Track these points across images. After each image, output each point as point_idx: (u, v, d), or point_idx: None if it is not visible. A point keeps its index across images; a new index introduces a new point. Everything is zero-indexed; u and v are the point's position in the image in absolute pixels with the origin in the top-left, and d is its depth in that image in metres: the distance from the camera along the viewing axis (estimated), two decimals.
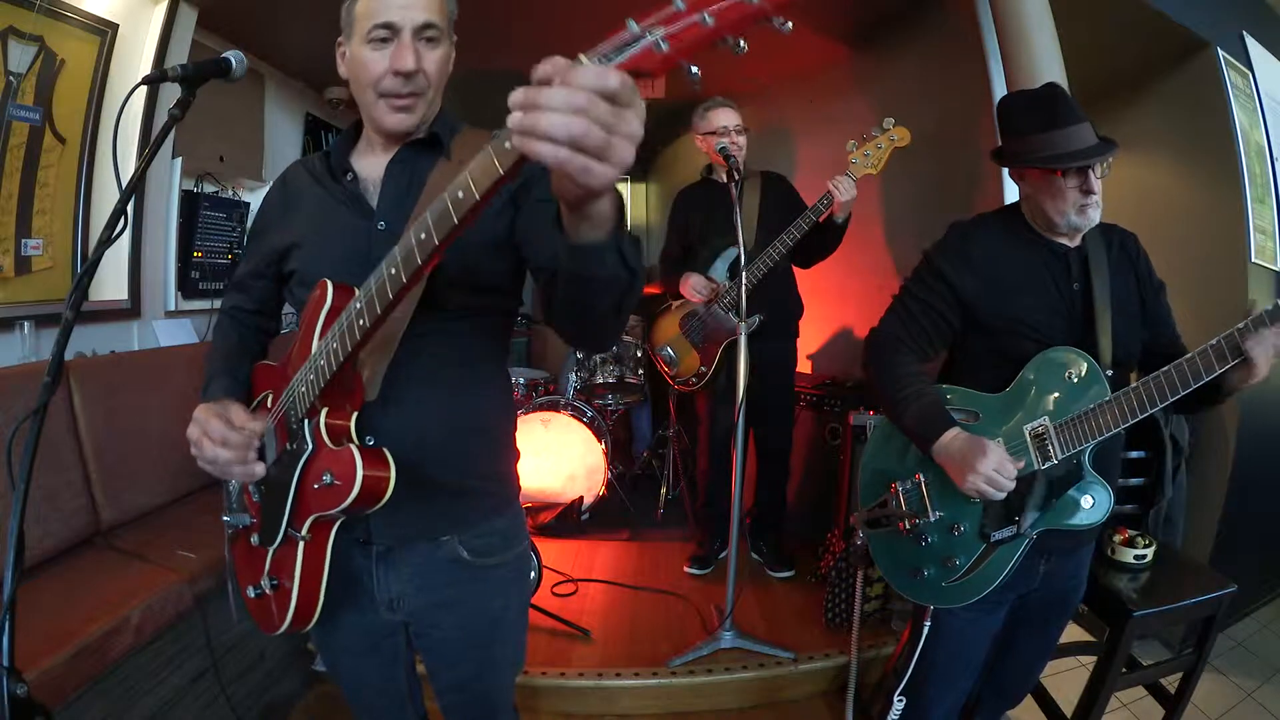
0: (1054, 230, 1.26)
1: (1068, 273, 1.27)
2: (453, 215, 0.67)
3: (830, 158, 3.21)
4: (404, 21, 0.92)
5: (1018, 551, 1.23)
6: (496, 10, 2.74)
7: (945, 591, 1.29)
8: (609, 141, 0.56)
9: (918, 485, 1.32)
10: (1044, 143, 1.21)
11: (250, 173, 3.01)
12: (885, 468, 1.39)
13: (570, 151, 0.55)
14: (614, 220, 0.69)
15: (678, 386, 2.64)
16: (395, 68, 0.92)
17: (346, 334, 0.82)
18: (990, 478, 1.17)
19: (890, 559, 1.38)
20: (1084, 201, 1.21)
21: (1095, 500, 1.20)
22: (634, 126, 0.57)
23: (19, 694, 0.72)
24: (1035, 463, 1.21)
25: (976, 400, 1.29)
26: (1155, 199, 2.71)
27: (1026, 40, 2.03)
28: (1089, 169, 1.19)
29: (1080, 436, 1.18)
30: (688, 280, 2.44)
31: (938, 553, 1.29)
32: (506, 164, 0.62)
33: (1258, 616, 2.62)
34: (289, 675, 2.03)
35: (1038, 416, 1.22)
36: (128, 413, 2.04)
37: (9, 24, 1.87)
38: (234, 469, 0.94)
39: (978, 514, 1.26)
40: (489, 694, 1.16)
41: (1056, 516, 1.21)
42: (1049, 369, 1.22)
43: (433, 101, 0.99)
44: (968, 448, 1.20)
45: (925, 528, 1.30)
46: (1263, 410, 2.37)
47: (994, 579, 1.24)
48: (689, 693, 2.06)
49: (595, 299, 0.75)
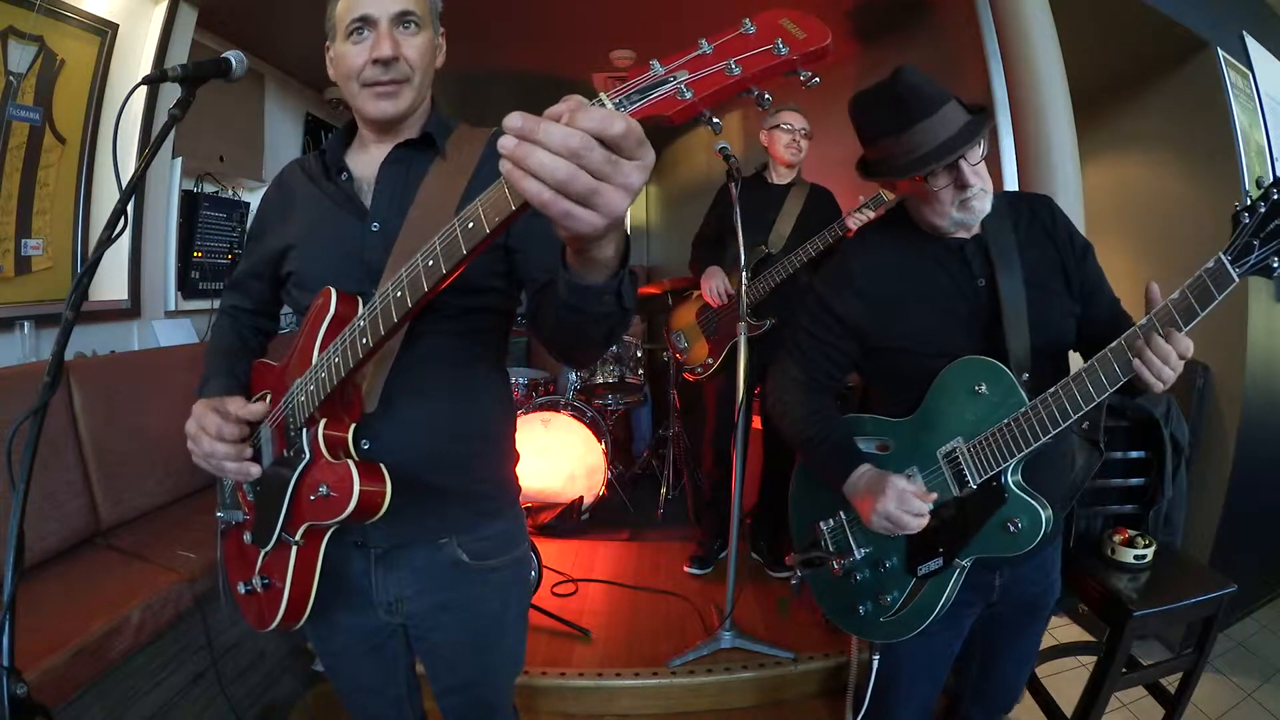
0: (941, 233, 1.15)
1: (968, 269, 1.14)
2: (462, 247, 0.67)
3: (831, 158, 3.21)
4: (379, 12, 0.93)
5: (949, 581, 1.15)
6: (496, 10, 2.74)
7: (884, 627, 1.22)
8: (596, 189, 0.52)
9: (840, 523, 1.27)
10: (898, 146, 1.07)
11: (250, 173, 3.01)
12: (811, 506, 1.33)
13: (554, 194, 0.52)
14: (615, 263, 0.67)
15: (685, 374, 2.67)
16: (373, 56, 0.93)
17: (349, 350, 0.82)
18: (890, 514, 1.08)
19: (830, 598, 1.33)
20: (963, 196, 1.07)
21: (1022, 520, 1.07)
22: (631, 178, 0.54)
23: (19, 694, 0.72)
24: (953, 489, 1.11)
25: (886, 428, 1.20)
26: (1155, 199, 2.71)
27: (1026, 40, 2.03)
28: (958, 161, 1.05)
29: (997, 455, 1.06)
30: (709, 279, 2.46)
31: (870, 589, 1.23)
32: (520, 200, 0.59)
33: (1258, 616, 2.61)
34: (289, 675, 2.03)
35: (950, 438, 1.11)
36: (128, 413, 2.04)
37: (9, 24, 1.87)
38: (229, 466, 0.94)
39: (902, 547, 1.18)
40: (488, 695, 1.16)
41: (983, 544, 1.11)
42: (955, 384, 1.11)
43: (419, 90, 0.98)
44: (872, 485, 1.12)
45: (854, 565, 1.24)
46: (1263, 410, 2.37)
47: (931, 609, 1.16)
48: (689, 693, 2.05)
49: (588, 329, 0.75)
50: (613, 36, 3.11)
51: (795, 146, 2.46)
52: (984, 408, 1.09)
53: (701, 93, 0.52)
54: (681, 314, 2.69)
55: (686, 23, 0.55)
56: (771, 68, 0.51)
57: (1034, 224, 1.17)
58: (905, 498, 1.09)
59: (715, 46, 0.51)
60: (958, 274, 1.14)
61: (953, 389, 1.12)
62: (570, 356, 0.91)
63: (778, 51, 0.51)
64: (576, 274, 0.67)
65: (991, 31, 2.18)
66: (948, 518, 1.12)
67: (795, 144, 2.46)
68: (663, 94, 0.52)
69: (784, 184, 2.51)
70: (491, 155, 0.98)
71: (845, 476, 1.17)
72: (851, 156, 1.21)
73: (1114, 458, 1.94)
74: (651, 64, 0.53)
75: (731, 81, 0.51)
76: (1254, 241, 0.89)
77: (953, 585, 1.15)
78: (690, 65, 0.52)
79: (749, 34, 0.52)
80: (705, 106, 0.53)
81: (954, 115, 1.06)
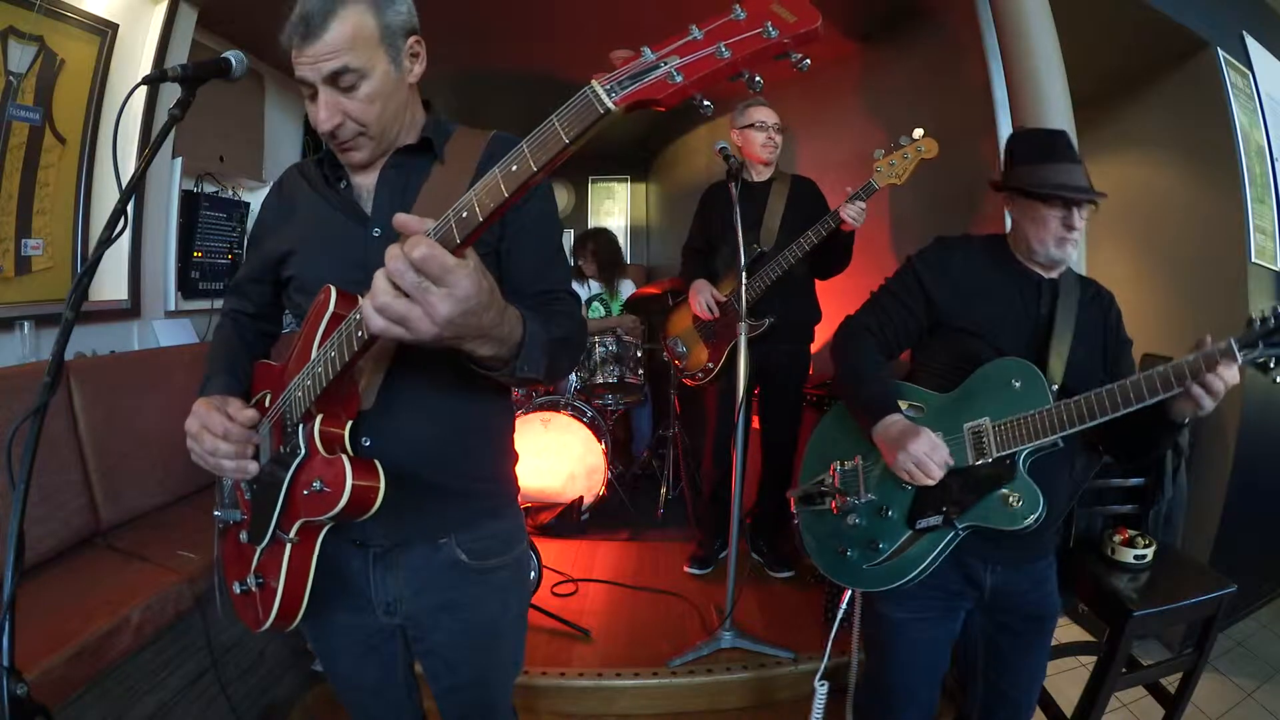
0: (1033, 258, 1.32)
1: (1038, 298, 1.32)
2: (456, 237, 0.67)
3: (831, 158, 3.22)
4: (313, 76, 0.90)
5: (941, 542, 1.26)
6: (496, 10, 2.74)
7: (865, 574, 1.33)
8: (406, 316, 0.66)
9: (855, 467, 1.37)
10: (1037, 173, 1.27)
11: (250, 173, 3.01)
12: (828, 449, 1.44)
13: (380, 317, 0.67)
14: (502, 360, 0.80)
15: (685, 380, 2.65)
16: (317, 128, 0.93)
17: (345, 344, 0.82)
18: (919, 459, 1.21)
19: (818, 537, 1.42)
20: (1064, 235, 1.26)
21: (1023, 499, 1.20)
22: (437, 308, 0.66)
23: (19, 694, 0.72)
24: (969, 458, 1.25)
25: (925, 397, 1.35)
26: (1155, 199, 2.71)
27: (1026, 40, 2.03)
28: (1074, 205, 1.25)
29: (1017, 438, 1.21)
30: (697, 295, 2.44)
31: (863, 535, 1.34)
32: (511, 187, 0.62)
33: (1258, 616, 2.62)
34: (289, 675, 2.03)
35: (979, 416, 1.26)
36: (127, 413, 2.04)
37: (9, 24, 1.87)
38: (228, 464, 0.94)
39: (908, 500, 1.30)
40: (488, 695, 1.16)
41: (983, 513, 1.23)
42: (996, 375, 1.27)
43: (386, 129, 0.96)
44: (904, 431, 1.25)
45: (854, 508, 1.35)
46: (1263, 410, 2.37)
47: (915, 565, 1.27)
48: (689, 693, 2.06)
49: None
50: (613, 36, 3.10)
51: (771, 144, 2.43)
52: (1015, 400, 1.23)
53: (691, 76, 0.52)
54: (678, 319, 2.66)
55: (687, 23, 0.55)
56: (762, 50, 0.52)
57: (1096, 301, 1.35)
58: (938, 447, 1.22)
59: (706, 32, 0.52)
60: (1029, 300, 1.32)
61: (993, 380, 1.27)
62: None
63: (768, 34, 0.51)
64: (465, 360, 0.80)
65: (991, 31, 2.18)
66: (957, 484, 1.25)
67: (771, 140, 2.43)
68: (654, 79, 0.53)
69: (765, 180, 2.49)
70: (491, 156, 0.99)
71: (878, 419, 1.29)
72: (849, 156, 1.25)
73: None
74: (643, 50, 0.54)
75: (722, 64, 0.52)
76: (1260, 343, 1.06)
77: (943, 547, 1.26)
78: (681, 50, 0.53)
79: (739, 19, 0.52)
80: (696, 90, 0.54)
81: (1080, 175, 1.27)
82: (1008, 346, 1.28)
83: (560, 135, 0.59)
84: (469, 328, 0.71)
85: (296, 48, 0.89)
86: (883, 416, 1.29)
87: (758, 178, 2.50)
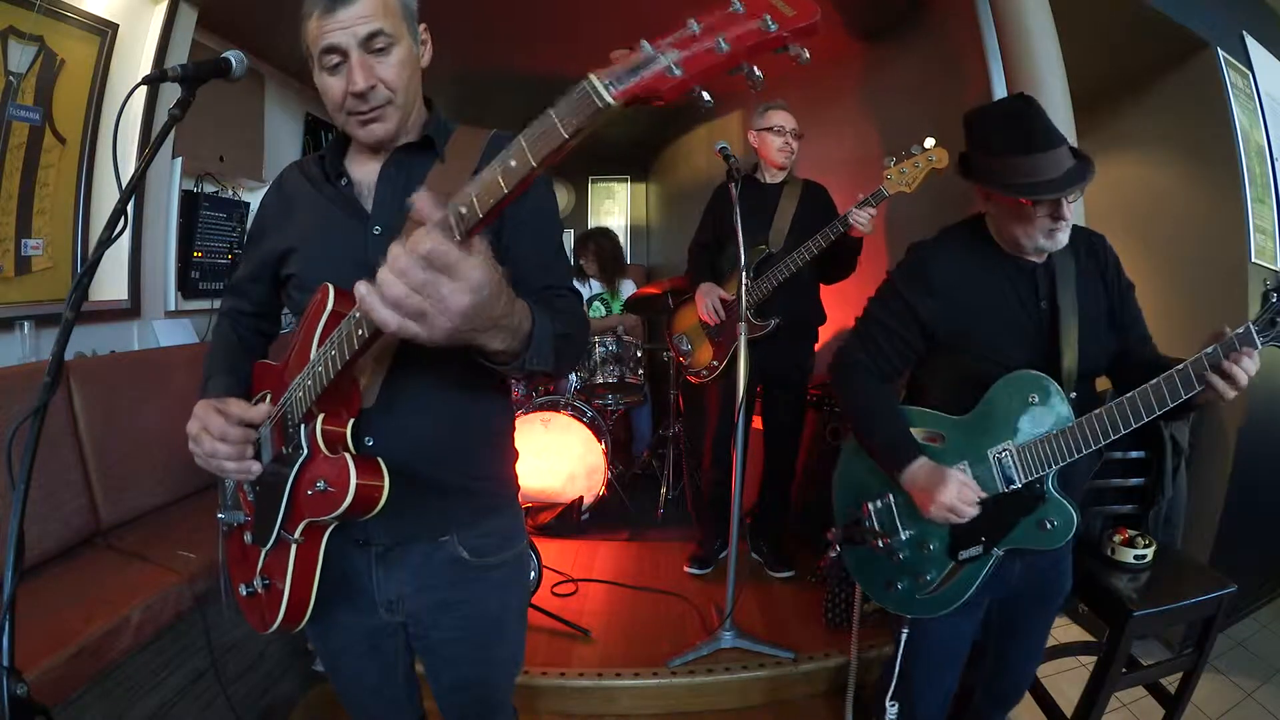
0: (1021, 251, 1.26)
1: (1035, 290, 1.26)
2: (455, 233, 0.67)
3: (833, 157, 3.22)
4: (347, 41, 0.89)
5: (986, 567, 1.27)
6: (496, 10, 2.75)
7: (919, 603, 1.33)
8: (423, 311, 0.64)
9: (888, 505, 1.35)
10: (1018, 168, 1.16)
11: (250, 173, 3.01)
12: (856, 485, 1.41)
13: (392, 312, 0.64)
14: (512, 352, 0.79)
15: (689, 377, 2.66)
16: (350, 89, 0.92)
17: (345, 343, 0.81)
18: (952, 506, 1.19)
19: (866, 572, 1.42)
20: (1053, 227, 1.19)
21: (1058, 521, 1.22)
22: (450, 300, 0.64)
23: (19, 694, 0.72)
24: (1000, 486, 1.24)
25: (941, 423, 1.30)
26: (1155, 199, 2.71)
27: (1026, 40, 2.03)
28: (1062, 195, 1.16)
29: (1043, 461, 1.20)
30: (703, 298, 2.46)
31: (910, 568, 1.33)
32: (510, 183, 0.62)
33: (1258, 616, 2.62)
34: (289, 675, 2.03)
35: (1001, 441, 1.23)
36: (127, 413, 2.04)
37: (9, 24, 1.87)
38: (230, 465, 0.94)
39: (946, 533, 1.29)
40: (488, 694, 1.16)
41: (1020, 538, 1.25)
42: (1012, 393, 1.23)
43: (405, 106, 0.97)
44: (932, 478, 1.22)
45: (897, 545, 1.34)
46: (1263, 410, 2.37)
47: (965, 591, 1.29)
48: (689, 693, 2.06)
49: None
50: (613, 36, 3.10)
51: (788, 149, 2.45)
52: (1034, 418, 1.21)
53: (691, 70, 0.52)
54: (684, 316, 2.68)
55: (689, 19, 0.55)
56: (761, 44, 0.52)
57: (1090, 258, 1.29)
58: (965, 491, 1.20)
59: (704, 25, 0.52)
60: (1025, 293, 1.26)
61: (1008, 397, 1.23)
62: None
63: (766, 28, 0.51)
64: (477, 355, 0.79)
65: (991, 31, 2.18)
66: (991, 511, 1.24)
67: (788, 146, 2.45)
68: (653, 72, 0.53)
69: (777, 183, 2.50)
70: (491, 155, 0.98)
71: (902, 466, 1.26)
72: (851, 155, 1.24)
73: (1114, 458, 1.94)
74: (641, 44, 0.53)
75: (721, 58, 0.51)
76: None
77: (987, 571, 1.27)
78: (679, 44, 0.52)
79: (737, 13, 0.52)
80: (695, 83, 0.54)
81: (1064, 157, 1.16)
82: (1014, 355, 1.24)
83: (559, 130, 0.58)
84: (482, 319, 0.70)
85: (324, 15, 0.89)
86: (905, 464, 1.25)
87: (770, 180, 2.51)
